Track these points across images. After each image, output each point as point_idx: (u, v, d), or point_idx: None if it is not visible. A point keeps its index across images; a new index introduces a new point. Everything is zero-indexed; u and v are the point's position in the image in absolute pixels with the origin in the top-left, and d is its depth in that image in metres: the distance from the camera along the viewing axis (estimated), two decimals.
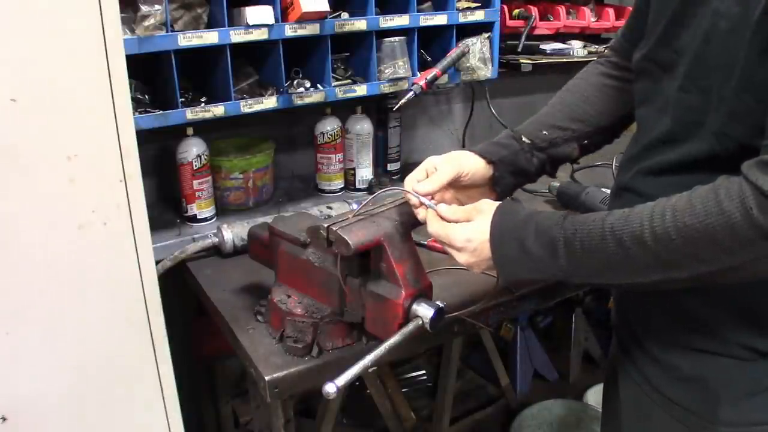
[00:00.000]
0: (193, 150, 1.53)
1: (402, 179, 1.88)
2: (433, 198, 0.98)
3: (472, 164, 1.03)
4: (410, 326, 0.95)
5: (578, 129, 1.09)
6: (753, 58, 0.72)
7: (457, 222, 0.95)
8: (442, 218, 0.96)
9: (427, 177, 0.99)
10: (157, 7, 1.25)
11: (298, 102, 1.51)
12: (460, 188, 1.04)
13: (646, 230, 0.76)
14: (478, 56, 1.71)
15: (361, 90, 1.60)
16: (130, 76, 0.90)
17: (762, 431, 0.86)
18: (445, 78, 1.67)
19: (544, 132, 1.08)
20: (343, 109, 1.74)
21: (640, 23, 0.95)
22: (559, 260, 0.84)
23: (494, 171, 1.04)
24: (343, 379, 0.85)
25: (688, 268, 0.76)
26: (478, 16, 1.72)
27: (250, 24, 1.37)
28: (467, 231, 0.92)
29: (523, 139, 1.08)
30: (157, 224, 1.49)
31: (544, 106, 1.14)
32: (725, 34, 0.75)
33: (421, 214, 0.98)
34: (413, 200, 0.98)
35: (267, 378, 1.04)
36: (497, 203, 0.93)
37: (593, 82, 1.12)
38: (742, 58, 0.73)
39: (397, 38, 1.61)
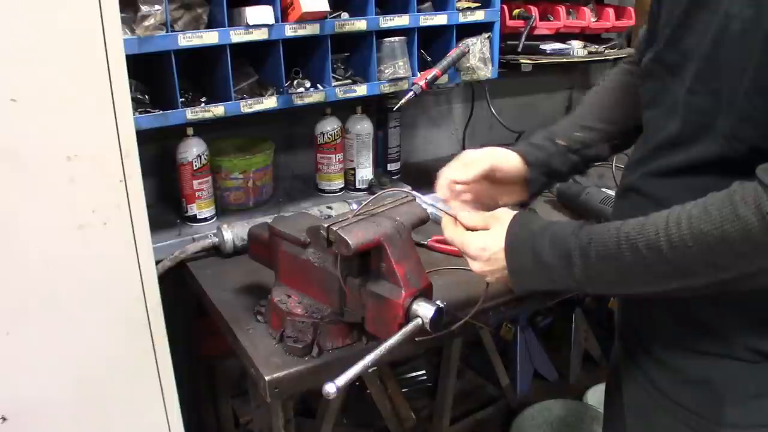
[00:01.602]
0: (193, 150, 1.53)
1: (402, 179, 1.90)
2: (447, 197, 1.00)
3: (508, 161, 1.06)
4: (410, 326, 0.95)
5: (609, 130, 1.11)
6: (766, 61, 0.72)
7: (474, 229, 0.96)
8: (462, 224, 0.97)
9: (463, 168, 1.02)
10: (157, 7, 1.25)
11: (298, 102, 1.51)
12: (492, 182, 1.06)
13: (662, 238, 0.76)
14: (478, 56, 1.71)
15: (361, 90, 1.60)
16: (130, 76, 0.90)
17: None
18: (445, 78, 1.67)
19: (577, 133, 1.10)
20: (343, 109, 1.74)
21: (654, 25, 0.95)
22: (573, 270, 0.84)
23: (530, 172, 1.07)
24: (343, 379, 0.84)
25: (705, 275, 0.76)
26: (478, 16, 1.72)
27: (250, 24, 1.37)
28: (482, 240, 0.93)
29: (558, 141, 1.10)
30: (157, 224, 1.49)
31: (578, 106, 1.17)
32: (737, 36, 0.74)
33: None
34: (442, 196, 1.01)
35: (267, 378, 1.04)
36: (514, 212, 0.94)
37: (622, 82, 1.14)
38: (755, 60, 0.72)
39: (397, 38, 1.61)
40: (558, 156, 1.08)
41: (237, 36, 1.37)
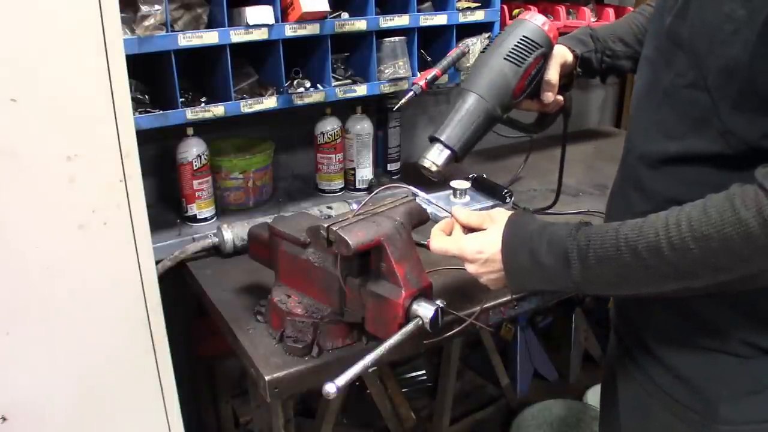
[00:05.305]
0: (193, 150, 1.53)
1: (402, 179, 1.90)
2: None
3: (569, 55, 1.15)
4: (410, 326, 0.95)
5: (639, 51, 1.12)
6: (757, 61, 0.72)
7: (469, 226, 0.96)
8: (458, 221, 0.98)
9: None
10: (157, 7, 1.25)
11: (298, 102, 1.51)
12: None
13: (662, 240, 0.76)
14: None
15: (361, 90, 1.60)
16: (130, 76, 0.90)
17: (761, 429, 0.87)
18: (445, 78, 1.67)
19: (612, 42, 1.17)
20: (343, 109, 1.74)
21: None
22: (571, 272, 0.84)
23: (574, 64, 1.16)
24: (343, 379, 0.85)
25: (705, 276, 0.76)
26: (478, 16, 1.72)
27: (250, 24, 1.37)
28: (479, 242, 0.93)
29: (600, 40, 1.18)
30: (157, 224, 1.49)
31: (616, 20, 1.25)
32: (729, 36, 0.74)
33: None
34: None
35: (267, 378, 1.04)
36: (509, 213, 0.94)
37: None
38: (746, 60, 0.72)
39: (397, 38, 1.61)
40: (595, 54, 1.17)
41: (237, 36, 1.37)
